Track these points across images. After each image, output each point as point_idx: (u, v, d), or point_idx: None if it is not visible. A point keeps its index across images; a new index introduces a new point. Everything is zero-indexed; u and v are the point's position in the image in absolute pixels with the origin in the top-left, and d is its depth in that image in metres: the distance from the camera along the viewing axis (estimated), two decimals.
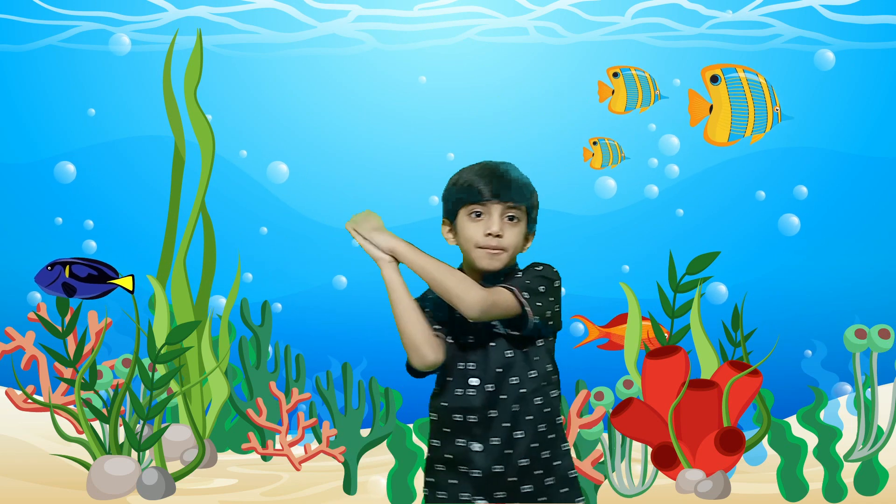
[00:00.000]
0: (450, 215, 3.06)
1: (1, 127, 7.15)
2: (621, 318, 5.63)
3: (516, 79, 7.16)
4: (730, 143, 4.57)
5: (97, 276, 4.83)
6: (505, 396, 2.98)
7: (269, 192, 7.16)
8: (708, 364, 5.41)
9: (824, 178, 7.03)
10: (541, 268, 3.03)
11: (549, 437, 3.02)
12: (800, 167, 7.03)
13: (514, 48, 7.17)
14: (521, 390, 2.98)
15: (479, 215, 2.99)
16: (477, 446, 2.98)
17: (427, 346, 2.98)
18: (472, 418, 2.98)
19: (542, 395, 3.01)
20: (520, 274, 3.03)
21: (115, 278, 4.80)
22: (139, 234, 6.91)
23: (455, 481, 3.02)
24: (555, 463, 3.03)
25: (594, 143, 5.58)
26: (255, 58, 7.19)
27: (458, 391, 3.01)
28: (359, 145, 7.16)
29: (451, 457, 3.02)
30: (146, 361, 5.30)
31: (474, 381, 2.99)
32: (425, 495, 3.09)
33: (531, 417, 2.99)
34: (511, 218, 2.99)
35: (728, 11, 6.71)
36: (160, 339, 5.26)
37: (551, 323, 3.01)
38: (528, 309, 2.94)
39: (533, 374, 3.00)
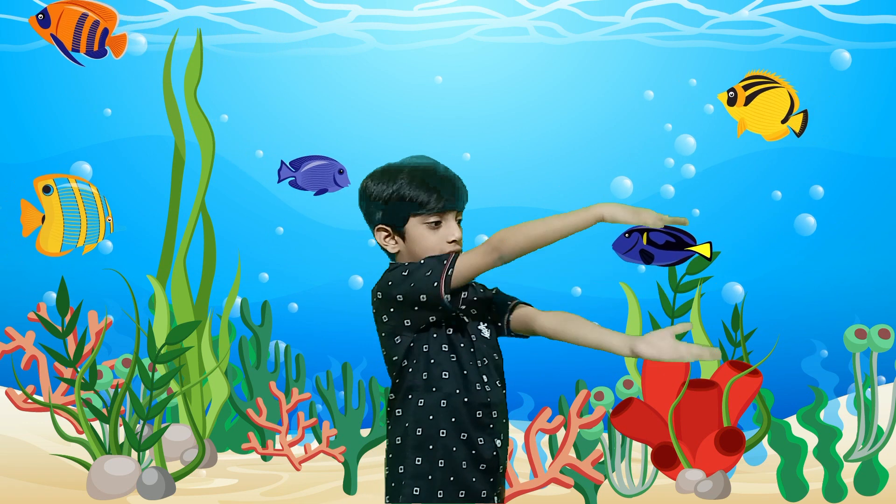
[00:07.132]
0: (397, 222, 2.93)
1: (0, 127, 7.15)
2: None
3: (516, 79, 7.16)
4: None
5: (675, 243, 4.76)
6: (393, 395, 2.91)
7: (275, 193, 7.15)
8: (708, 364, 5.42)
9: (824, 178, 7.02)
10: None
11: (397, 442, 2.86)
12: (800, 167, 7.02)
13: (514, 48, 7.17)
14: (392, 390, 2.91)
15: (437, 224, 2.91)
16: None
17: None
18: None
19: (396, 396, 2.88)
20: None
21: (692, 245, 4.72)
22: (140, 234, 6.91)
23: None
24: (400, 470, 2.86)
25: None
26: (255, 58, 7.19)
27: None
28: (357, 145, 7.16)
29: None
30: (146, 361, 5.30)
31: None
32: None
33: (390, 422, 2.88)
34: (459, 221, 2.97)
35: (744, 10, 6.71)
36: (160, 339, 5.26)
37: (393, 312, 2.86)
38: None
39: (394, 372, 2.89)
